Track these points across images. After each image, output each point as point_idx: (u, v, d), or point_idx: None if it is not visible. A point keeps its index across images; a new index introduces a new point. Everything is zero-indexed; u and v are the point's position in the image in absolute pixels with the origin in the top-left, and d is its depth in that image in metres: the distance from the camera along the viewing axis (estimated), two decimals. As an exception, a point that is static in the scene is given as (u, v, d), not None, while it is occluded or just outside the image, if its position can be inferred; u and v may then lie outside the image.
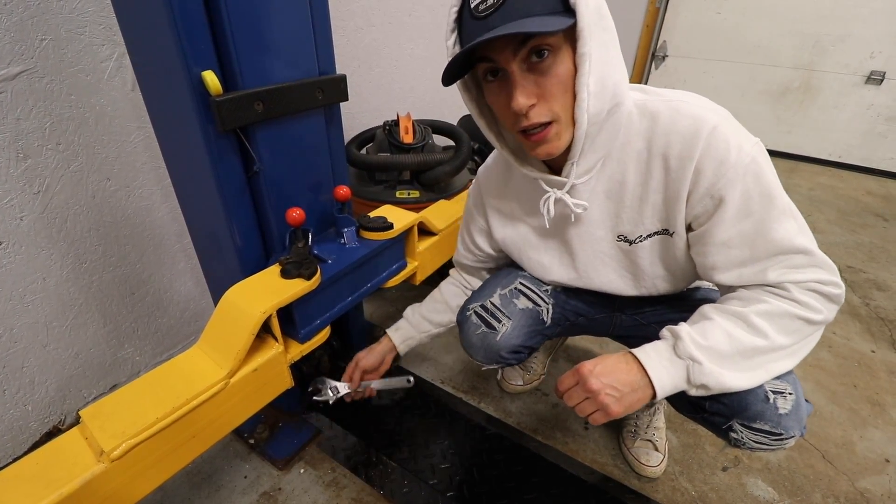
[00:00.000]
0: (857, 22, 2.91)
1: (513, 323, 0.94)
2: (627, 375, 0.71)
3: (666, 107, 0.70)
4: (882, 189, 2.89)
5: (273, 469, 1.09)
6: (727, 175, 0.65)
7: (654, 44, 3.66)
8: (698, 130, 0.66)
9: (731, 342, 0.69)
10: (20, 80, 0.91)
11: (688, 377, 0.69)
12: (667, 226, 0.76)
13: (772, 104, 3.35)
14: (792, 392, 0.73)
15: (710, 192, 0.67)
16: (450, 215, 1.32)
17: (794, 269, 0.68)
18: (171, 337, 1.37)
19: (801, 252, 0.67)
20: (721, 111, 0.69)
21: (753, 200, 0.66)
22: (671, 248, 0.78)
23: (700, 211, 0.70)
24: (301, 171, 0.99)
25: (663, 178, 0.72)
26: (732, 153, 0.65)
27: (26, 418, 1.11)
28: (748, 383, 0.70)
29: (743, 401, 0.73)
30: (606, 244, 0.83)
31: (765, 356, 0.70)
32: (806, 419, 0.75)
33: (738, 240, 0.69)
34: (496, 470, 1.08)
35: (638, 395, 0.71)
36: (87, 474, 0.65)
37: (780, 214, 0.66)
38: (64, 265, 1.07)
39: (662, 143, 0.70)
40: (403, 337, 1.14)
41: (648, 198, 0.74)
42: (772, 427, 0.73)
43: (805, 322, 0.68)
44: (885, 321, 1.67)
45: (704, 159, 0.66)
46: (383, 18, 1.73)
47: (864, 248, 2.15)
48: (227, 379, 0.81)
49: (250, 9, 0.78)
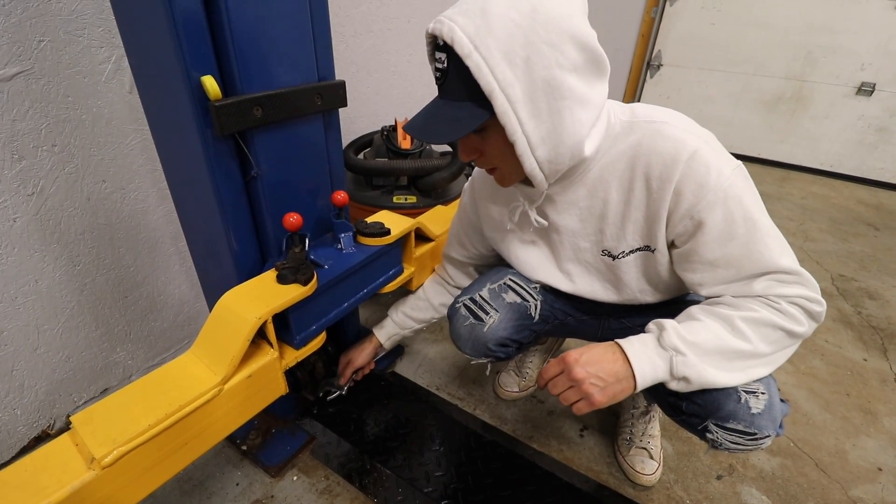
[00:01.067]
0: (848, 34, 2.96)
1: (500, 315, 0.96)
2: (612, 365, 0.73)
3: (650, 128, 0.72)
4: (873, 198, 2.93)
5: (265, 476, 1.08)
6: (707, 198, 0.68)
7: (650, 53, 3.70)
8: (678, 153, 0.69)
9: (715, 341, 0.70)
10: (17, 81, 0.90)
11: (670, 369, 0.71)
12: (648, 243, 0.78)
13: (765, 113, 3.39)
14: (765, 392, 0.74)
15: (690, 213, 0.70)
16: (446, 221, 1.32)
17: (781, 283, 0.70)
18: (163, 340, 1.36)
19: (786, 272, 0.69)
20: (704, 134, 0.71)
21: (736, 224, 0.68)
22: (653, 264, 0.81)
23: (681, 231, 0.72)
24: (299, 176, 0.98)
25: (645, 198, 0.74)
26: (712, 176, 0.67)
27: (14, 423, 1.09)
28: (729, 381, 0.71)
29: (716, 401, 0.75)
30: (591, 255, 0.86)
31: (745, 360, 0.71)
32: (781, 419, 0.76)
33: (723, 261, 0.71)
34: (491, 478, 1.07)
35: (622, 385, 0.72)
36: (78, 482, 0.64)
37: (764, 236, 0.69)
38: (57, 267, 1.06)
39: (644, 163, 0.72)
40: (388, 334, 1.23)
41: (630, 215, 0.77)
42: (745, 427, 0.74)
43: (786, 333, 0.70)
44: (876, 330, 1.68)
45: (684, 182, 0.69)
46: (382, 25, 1.74)
47: (855, 257, 2.17)
48: (221, 385, 0.81)
49: (251, 14, 0.77)
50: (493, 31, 0.60)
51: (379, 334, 1.23)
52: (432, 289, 1.20)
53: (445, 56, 0.65)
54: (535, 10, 0.60)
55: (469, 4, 0.62)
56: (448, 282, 1.18)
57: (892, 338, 1.64)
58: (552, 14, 0.60)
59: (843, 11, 2.93)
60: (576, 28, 0.61)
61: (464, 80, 0.64)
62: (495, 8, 0.60)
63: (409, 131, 0.71)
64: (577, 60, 0.63)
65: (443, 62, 0.66)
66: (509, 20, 0.60)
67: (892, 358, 1.54)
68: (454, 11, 0.63)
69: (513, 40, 0.60)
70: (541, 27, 0.60)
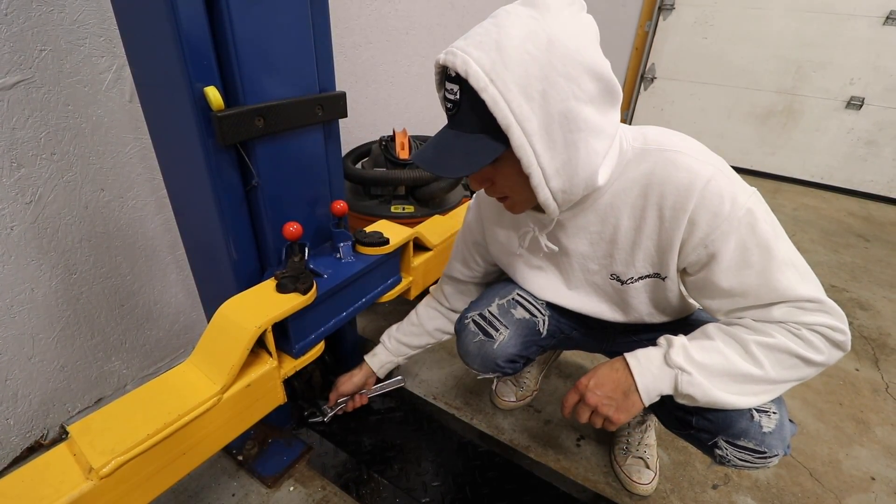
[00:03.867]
0: (838, 49, 3.02)
1: (510, 332, 0.95)
2: (618, 383, 0.75)
3: (662, 157, 0.71)
4: (863, 210, 2.97)
5: (262, 487, 1.07)
6: (721, 227, 0.67)
7: (643, 66, 3.75)
8: (692, 183, 0.68)
9: (724, 363, 0.70)
10: (17, 90, 0.91)
11: (675, 386, 0.72)
12: (658, 270, 0.79)
13: (756, 126, 3.43)
14: (776, 412, 0.75)
15: (705, 242, 0.69)
16: (444, 230, 1.33)
17: (802, 311, 0.68)
18: (159, 350, 1.35)
19: (807, 300, 0.67)
20: (717, 162, 0.71)
21: (751, 251, 0.67)
22: (663, 291, 0.81)
23: (694, 259, 0.72)
24: (299, 185, 0.99)
25: (657, 227, 0.74)
26: (727, 205, 0.67)
27: (8, 433, 1.08)
28: (738, 403, 0.71)
29: (728, 418, 0.75)
30: (600, 278, 0.86)
31: (755, 385, 0.71)
32: (790, 439, 0.77)
33: (739, 290, 0.70)
34: (488, 487, 1.07)
35: (632, 399, 0.74)
36: (76, 492, 0.64)
37: (781, 265, 0.67)
38: (53, 276, 1.06)
39: (657, 192, 0.71)
40: (381, 362, 1.17)
41: (641, 243, 0.77)
42: (755, 445, 0.75)
43: (803, 361, 0.68)
44: (868, 340, 1.70)
45: (699, 211, 0.68)
46: (381, 36, 1.76)
47: (846, 268, 2.20)
48: (221, 394, 0.80)
49: (254, 26, 0.79)
50: (509, 64, 0.59)
51: (371, 362, 1.17)
52: (426, 313, 1.15)
53: (458, 88, 0.63)
54: (551, 43, 0.59)
55: (482, 37, 0.61)
56: (443, 304, 1.14)
57: (883, 348, 1.66)
58: (568, 47, 0.60)
59: (832, 27, 2.99)
60: (591, 60, 0.61)
61: (478, 113, 0.62)
62: (511, 41, 0.59)
63: (421, 164, 0.68)
64: (593, 91, 0.63)
65: (454, 93, 0.64)
66: (525, 53, 0.59)
67: (883, 368, 1.56)
68: (467, 44, 0.61)
69: (529, 74, 0.59)
70: (557, 60, 0.59)
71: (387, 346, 1.17)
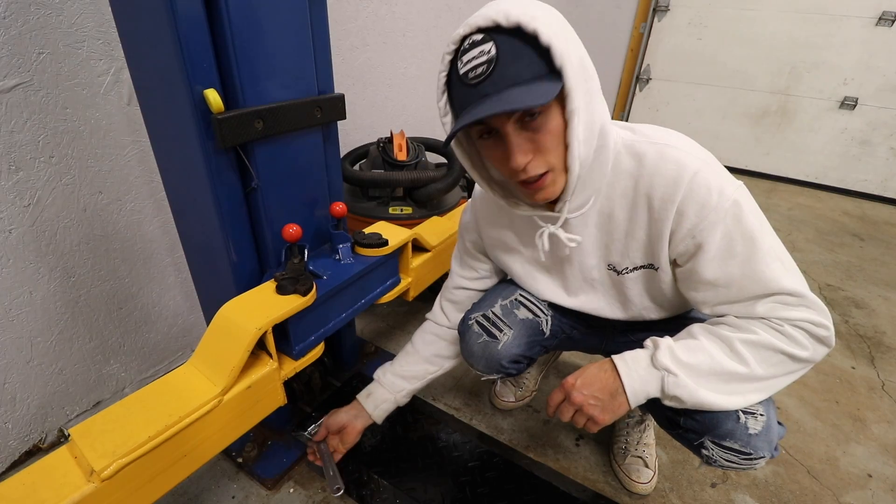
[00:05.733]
0: (831, 50, 3.04)
1: (514, 332, 0.95)
2: (605, 383, 0.75)
3: (652, 149, 0.73)
4: (858, 210, 2.99)
5: (261, 489, 1.07)
6: (709, 217, 0.69)
7: (639, 67, 3.77)
8: (680, 175, 0.70)
9: (710, 363, 0.71)
10: (16, 93, 0.91)
11: (662, 388, 0.72)
12: (652, 261, 0.80)
13: (751, 126, 3.46)
14: (763, 414, 0.75)
15: (692, 232, 0.70)
16: (443, 232, 1.33)
17: (785, 306, 0.69)
18: (157, 353, 1.35)
19: (790, 293, 0.69)
20: (705, 155, 0.72)
21: (736, 242, 0.69)
22: (657, 282, 0.82)
23: (682, 250, 0.73)
24: (298, 187, 0.99)
25: (647, 218, 0.75)
26: (714, 196, 0.68)
27: (6, 436, 1.08)
28: (725, 403, 0.72)
29: (715, 419, 0.76)
30: (597, 272, 0.87)
31: (742, 384, 0.71)
32: (777, 441, 0.77)
33: (724, 279, 0.71)
34: (488, 487, 1.07)
35: (619, 400, 0.74)
36: (77, 494, 0.64)
37: (765, 256, 0.68)
38: (52, 279, 1.06)
39: (647, 184, 0.73)
40: (377, 402, 1.05)
41: (634, 233, 0.78)
42: (741, 446, 0.75)
43: (788, 357, 0.69)
44: (863, 338, 1.71)
45: (686, 203, 0.70)
46: (378, 38, 1.76)
47: (841, 267, 2.21)
48: (221, 396, 0.81)
49: (254, 29, 0.79)
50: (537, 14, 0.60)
51: (366, 403, 1.04)
52: (422, 339, 1.09)
53: (492, 45, 0.61)
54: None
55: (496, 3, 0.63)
56: (443, 324, 1.09)
57: (878, 346, 1.67)
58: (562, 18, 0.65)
59: (825, 28, 3.02)
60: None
61: (526, 59, 0.61)
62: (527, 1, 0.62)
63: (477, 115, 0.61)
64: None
65: (488, 52, 0.61)
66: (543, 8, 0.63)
67: (879, 366, 1.57)
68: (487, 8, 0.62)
69: (553, 21, 0.62)
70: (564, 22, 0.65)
71: (382, 382, 1.06)
